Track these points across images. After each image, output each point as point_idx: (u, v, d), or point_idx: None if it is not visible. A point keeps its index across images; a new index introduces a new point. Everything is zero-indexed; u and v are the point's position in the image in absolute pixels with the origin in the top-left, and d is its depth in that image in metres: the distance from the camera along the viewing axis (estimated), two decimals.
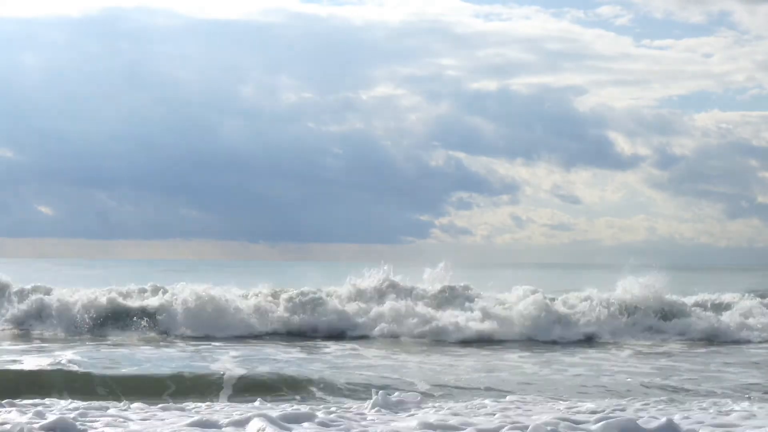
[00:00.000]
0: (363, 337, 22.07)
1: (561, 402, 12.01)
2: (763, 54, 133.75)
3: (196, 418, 9.42)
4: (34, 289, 24.28)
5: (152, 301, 23.68)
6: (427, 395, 12.89)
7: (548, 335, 22.30)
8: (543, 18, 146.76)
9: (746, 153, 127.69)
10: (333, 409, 10.84)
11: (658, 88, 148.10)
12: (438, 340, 21.77)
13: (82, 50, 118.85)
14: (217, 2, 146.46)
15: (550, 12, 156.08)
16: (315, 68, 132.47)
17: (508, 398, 12.27)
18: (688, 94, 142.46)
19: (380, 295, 24.38)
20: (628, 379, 15.12)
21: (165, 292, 24.13)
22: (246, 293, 24.77)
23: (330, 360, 17.39)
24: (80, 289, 24.37)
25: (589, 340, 22.42)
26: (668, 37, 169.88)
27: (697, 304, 25.82)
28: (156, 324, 22.51)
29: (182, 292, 23.25)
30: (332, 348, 19.57)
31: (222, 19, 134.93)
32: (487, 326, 22.05)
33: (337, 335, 22.50)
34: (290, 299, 24.13)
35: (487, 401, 11.87)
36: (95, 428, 8.96)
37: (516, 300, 24.04)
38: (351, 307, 23.58)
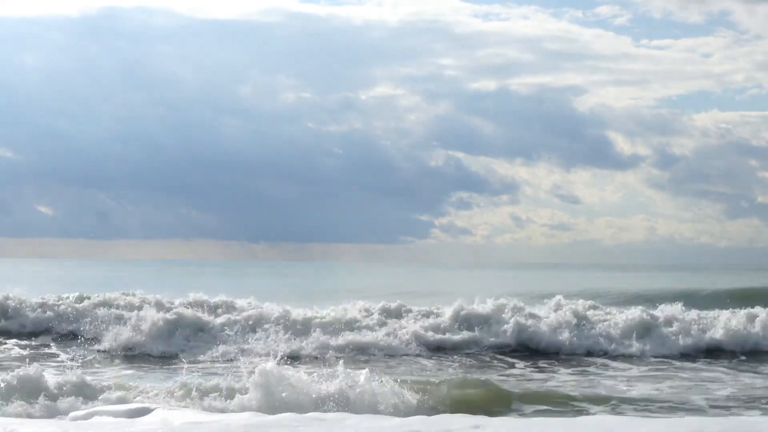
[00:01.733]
0: None
1: None
2: (763, 54, 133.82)
3: None
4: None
5: None
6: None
7: None
8: (542, 18, 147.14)
9: (746, 153, 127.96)
10: None
11: (658, 88, 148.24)
12: None
13: (81, 50, 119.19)
14: (216, 2, 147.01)
15: (549, 12, 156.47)
16: (314, 68, 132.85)
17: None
18: (687, 94, 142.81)
19: None
20: None
21: None
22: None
23: None
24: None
25: None
26: (667, 36, 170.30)
27: None
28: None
29: None
30: None
31: (221, 19, 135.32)
32: None
33: None
34: None
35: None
36: None
37: None
38: None
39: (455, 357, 18.66)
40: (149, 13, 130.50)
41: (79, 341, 19.35)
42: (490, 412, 11.13)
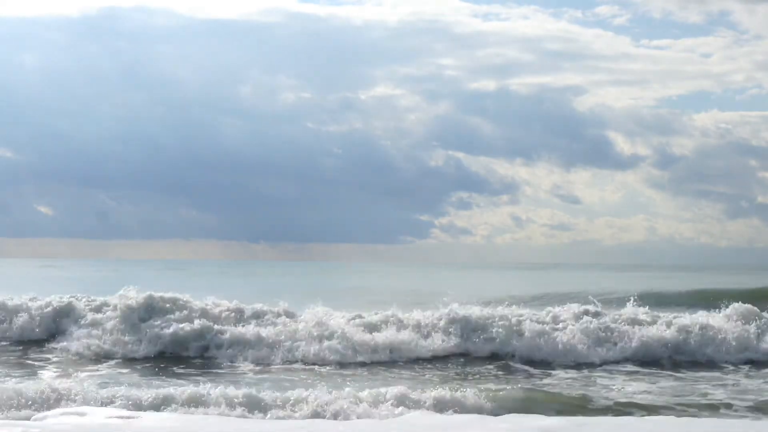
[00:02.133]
0: None
1: None
2: (762, 54, 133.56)
3: None
4: None
5: None
6: None
7: None
8: (541, 18, 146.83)
9: (746, 153, 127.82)
10: None
11: (657, 87, 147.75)
12: None
13: (81, 50, 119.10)
14: (216, 2, 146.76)
15: (549, 12, 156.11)
16: (314, 68, 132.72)
17: None
18: (687, 94, 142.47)
19: None
20: None
21: None
22: None
23: None
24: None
25: None
26: (667, 36, 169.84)
27: None
28: None
29: None
30: None
31: (221, 19, 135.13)
32: None
33: None
34: None
35: None
36: None
37: None
38: None
39: (453, 363, 18.50)
40: (149, 13, 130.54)
41: (56, 346, 18.91)
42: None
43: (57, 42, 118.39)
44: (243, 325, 19.26)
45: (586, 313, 20.19)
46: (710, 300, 21.74)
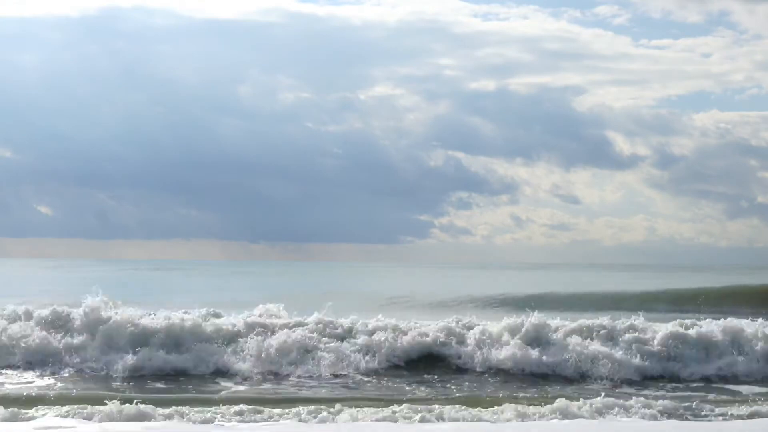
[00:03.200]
0: None
1: None
2: (762, 54, 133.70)
3: None
4: None
5: None
6: None
7: None
8: (541, 18, 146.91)
9: (745, 153, 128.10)
10: None
11: (657, 87, 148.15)
12: None
13: (80, 50, 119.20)
14: (215, 2, 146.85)
15: (548, 11, 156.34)
16: (313, 68, 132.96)
17: None
18: (686, 94, 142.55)
19: None
20: None
21: None
22: None
23: None
24: None
25: None
26: (666, 36, 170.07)
27: None
28: None
29: None
30: None
31: (220, 19, 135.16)
32: None
33: None
34: None
35: None
36: None
37: None
38: None
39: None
40: (149, 13, 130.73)
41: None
42: None
43: (57, 42, 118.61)
44: None
45: None
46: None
